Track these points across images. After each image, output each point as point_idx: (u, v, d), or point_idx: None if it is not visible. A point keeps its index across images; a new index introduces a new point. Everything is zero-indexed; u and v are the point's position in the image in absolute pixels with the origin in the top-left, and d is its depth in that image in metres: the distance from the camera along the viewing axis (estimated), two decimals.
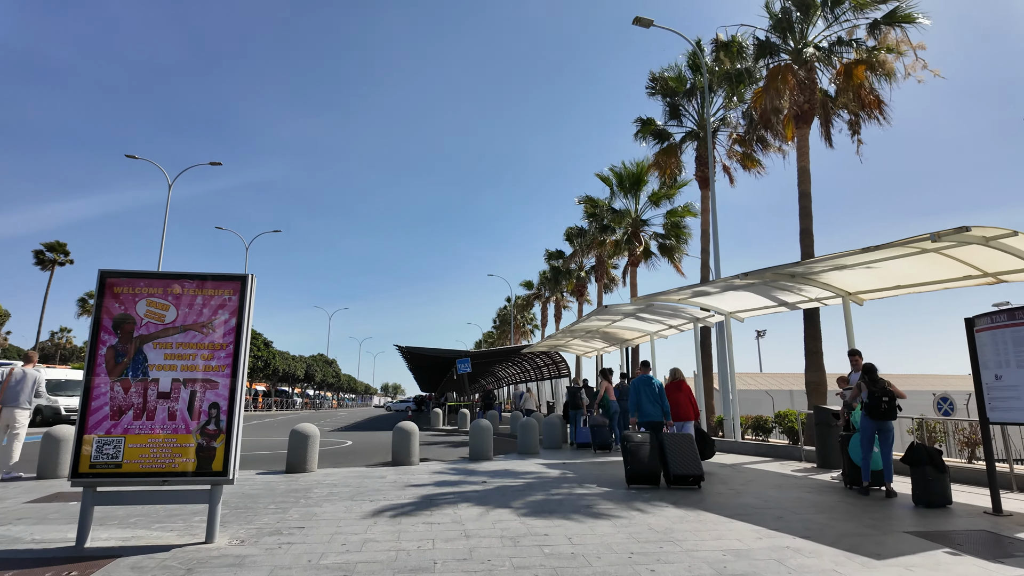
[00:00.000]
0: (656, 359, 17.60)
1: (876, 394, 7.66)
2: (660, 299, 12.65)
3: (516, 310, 55.02)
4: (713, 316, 14.10)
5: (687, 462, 7.89)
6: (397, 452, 10.42)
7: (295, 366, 51.49)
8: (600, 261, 28.41)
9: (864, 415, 7.80)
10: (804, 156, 13.21)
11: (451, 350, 26.70)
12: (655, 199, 22.97)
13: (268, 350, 34.86)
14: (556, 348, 24.45)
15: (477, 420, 11.61)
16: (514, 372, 45.01)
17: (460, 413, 23.37)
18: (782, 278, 10.18)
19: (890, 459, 7.66)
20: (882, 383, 7.81)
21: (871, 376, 7.90)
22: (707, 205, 17.84)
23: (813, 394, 12.38)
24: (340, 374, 72.35)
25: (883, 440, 7.73)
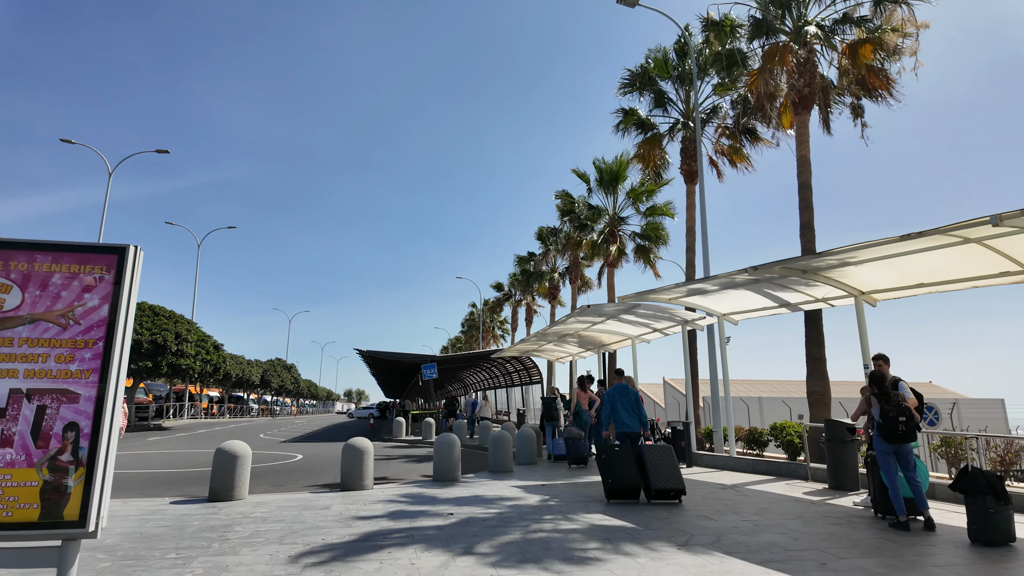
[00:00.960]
0: (637, 365, 16.36)
1: (890, 412, 6.45)
2: (650, 298, 11.38)
3: (485, 314, 53.48)
4: (704, 318, 12.90)
5: (668, 475, 7.51)
6: (347, 475, 8.82)
7: (250, 371, 48.80)
8: (574, 262, 27.17)
9: (878, 436, 6.60)
10: (804, 144, 12.17)
11: (416, 354, 25.05)
12: (635, 196, 21.79)
13: (218, 353, 32.46)
14: (528, 353, 23.05)
15: (443, 435, 10.09)
16: (483, 378, 43.47)
17: (424, 422, 21.74)
18: (793, 273, 8.99)
19: (919, 483, 6.47)
20: (896, 397, 6.62)
21: (880, 388, 6.70)
22: (692, 201, 16.75)
23: (816, 404, 11.27)
24: (300, 380, 69.42)
25: (904, 465, 6.54)
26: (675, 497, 7.51)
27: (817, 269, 8.88)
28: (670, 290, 10.89)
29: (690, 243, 16.30)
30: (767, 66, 12.41)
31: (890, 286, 9.23)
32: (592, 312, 13.07)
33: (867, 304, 9.68)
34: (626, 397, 8.48)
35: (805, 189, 11.92)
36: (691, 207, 16.65)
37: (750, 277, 9.49)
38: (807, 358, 11.51)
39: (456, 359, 28.14)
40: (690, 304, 11.86)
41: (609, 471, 7.60)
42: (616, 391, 8.59)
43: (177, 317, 30.86)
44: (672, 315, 13.08)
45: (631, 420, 8.39)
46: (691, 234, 16.37)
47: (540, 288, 36.86)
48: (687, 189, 16.98)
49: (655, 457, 7.65)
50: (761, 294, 10.57)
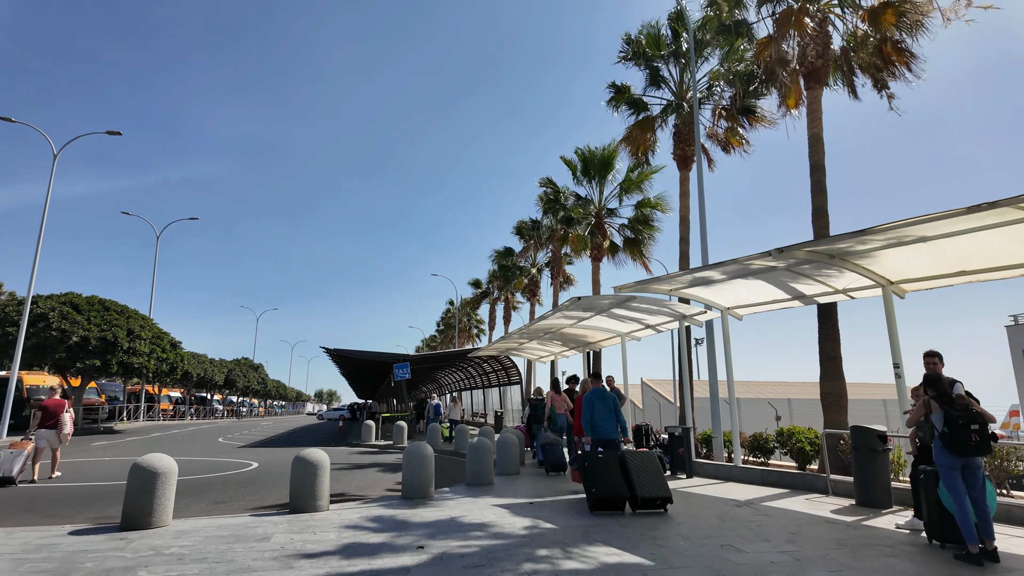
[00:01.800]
0: (627, 364, 15.18)
1: (960, 419, 5.31)
2: (650, 288, 10.17)
3: (462, 312, 51.97)
4: (706, 312, 11.74)
5: (654, 483, 7.26)
6: (297, 494, 7.37)
7: (213, 370, 46.41)
8: (556, 257, 25.91)
9: (941, 449, 5.45)
10: (816, 121, 11.09)
11: (388, 353, 23.53)
12: (624, 186, 20.58)
13: (175, 352, 30.35)
14: (507, 352, 21.74)
15: (414, 444, 8.70)
16: (459, 378, 42.04)
17: (396, 426, 20.25)
18: (819, 258, 7.83)
19: (987, 507, 5.35)
20: (963, 400, 5.50)
21: (940, 390, 5.57)
22: (686, 188, 15.62)
23: (832, 408, 10.18)
24: (267, 380, 66.84)
25: (971, 483, 5.41)
26: (661, 506, 7.24)
27: (847, 254, 7.75)
28: (672, 279, 9.68)
29: (684, 233, 15.16)
30: (781, 30, 11.28)
31: (925, 274, 8.15)
32: (582, 305, 11.81)
33: (896, 296, 8.59)
34: (604, 401, 8.12)
35: (818, 170, 10.84)
36: (685, 195, 15.52)
37: (767, 264, 8.32)
38: (821, 357, 10.43)
39: (430, 358, 26.67)
40: (692, 296, 10.68)
41: (593, 480, 7.25)
42: (594, 395, 8.18)
43: (130, 312, 28.76)
44: (669, 309, 11.89)
45: (609, 426, 8.02)
46: (685, 224, 15.23)
47: (519, 284, 35.51)
48: (680, 176, 15.86)
49: (639, 464, 7.37)
50: (775, 284, 9.43)
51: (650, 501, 7.16)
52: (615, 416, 8.13)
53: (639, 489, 7.14)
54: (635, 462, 7.41)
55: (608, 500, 7.20)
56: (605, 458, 7.47)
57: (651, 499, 7.14)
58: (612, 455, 7.56)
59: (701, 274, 9.06)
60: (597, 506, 7.23)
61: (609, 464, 7.43)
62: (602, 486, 7.21)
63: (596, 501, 7.18)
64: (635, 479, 7.23)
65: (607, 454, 7.57)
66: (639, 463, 7.41)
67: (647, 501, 7.14)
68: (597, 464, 7.41)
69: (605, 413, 8.11)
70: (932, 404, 5.57)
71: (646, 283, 9.82)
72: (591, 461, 7.41)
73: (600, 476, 7.28)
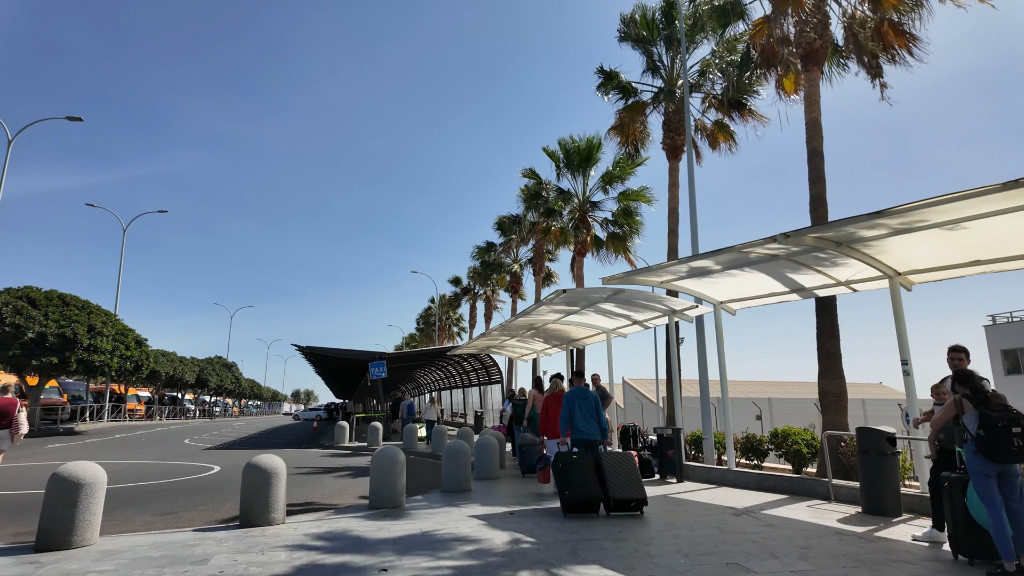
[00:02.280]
0: (612, 363, 14.53)
1: (1000, 420, 4.72)
2: (639, 280, 9.51)
3: (442, 310, 51.05)
4: (697, 307, 11.12)
5: (629, 484, 7.17)
6: (248, 506, 6.54)
7: (183, 369, 44.80)
8: (539, 252, 25.18)
9: (975, 454, 4.86)
10: (814, 105, 10.54)
11: (364, 351, 22.62)
12: (608, 179, 19.92)
13: (141, 349, 29.02)
14: (488, 350, 20.99)
15: (384, 449, 7.92)
16: (439, 377, 41.20)
17: (370, 427, 19.38)
18: (826, 245, 7.22)
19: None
20: (1000, 399, 4.93)
21: (972, 387, 5.01)
22: (676, 179, 15.03)
23: (831, 408, 9.61)
24: (241, 379, 65.10)
25: (1008, 492, 4.84)
26: (636, 508, 7.14)
27: (855, 241, 7.15)
28: (665, 270, 9.02)
29: (673, 226, 14.56)
30: (779, 9, 10.69)
31: (935, 264, 7.59)
32: (568, 298, 11.12)
33: (903, 288, 8.03)
34: (585, 401, 7.93)
35: (816, 157, 10.29)
36: (674, 186, 14.91)
37: (768, 251, 7.70)
38: (820, 354, 9.86)
39: (408, 356, 25.80)
40: (684, 288, 10.05)
41: (566, 482, 7.10)
42: (575, 394, 7.98)
43: (92, 308, 27.40)
44: (659, 304, 11.26)
45: (589, 426, 7.81)
46: (674, 216, 14.63)
47: (500, 281, 34.70)
48: (670, 166, 15.24)
49: (614, 465, 7.28)
50: (773, 276, 8.82)
51: (624, 503, 7.03)
52: (596, 416, 7.90)
53: (613, 490, 7.03)
54: (610, 463, 7.30)
55: (582, 503, 7.04)
56: (579, 459, 7.30)
57: (625, 500, 7.02)
58: (587, 456, 7.37)
59: (697, 263, 8.41)
60: (570, 509, 7.07)
61: (583, 465, 7.26)
62: (575, 488, 7.05)
63: (569, 504, 7.03)
64: (609, 480, 7.12)
65: (582, 455, 7.36)
66: (614, 464, 7.30)
67: (621, 503, 7.03)
68: (571, 466, 7.22)
69: (586, 413, 7.88)
70: (964, 404, 4.97)
71: (637, 274, 9.15)
72: (565, 463, 7.22)
73: (573, 478, 7.13)
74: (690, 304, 11.09)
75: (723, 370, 10.18)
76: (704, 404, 11.48)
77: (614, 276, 9.31)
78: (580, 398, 7.93)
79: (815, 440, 10.15)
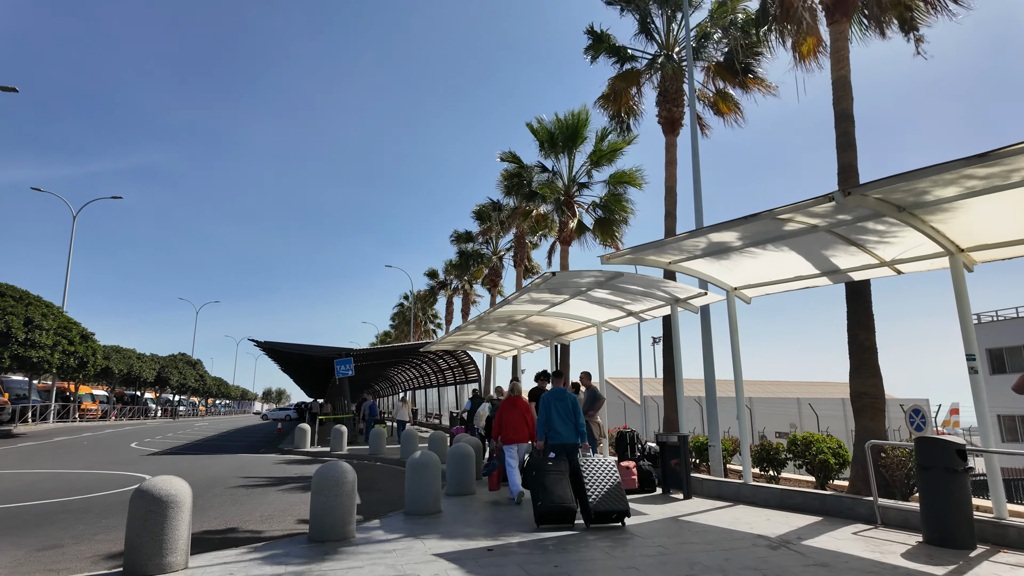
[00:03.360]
0: (603, 360, 13.04)
1: None
2: (647, 258, 8.01)
3: (418, 306, 49.18)
4: (707, 294, 9.65)
5: (610, 495, 6.74)
6: (135, 549, 4.84)
7: (141, 367, 42.18)
8: (520, 241, 23.60)
9: None
10: (842, 62, 9.16)
11: (328, 347, 20.82)
12: (595, 158, 18.37)
13: (87, 344, 26.70)
14: (464, 346, 19.37)
15: (329, 465, 6.29)
16: (413, 376, 39.43)
17: (334, 430, 17.62)
18: (884, 210, 5.78)
19: None
20: None
21: None
22: (673, 155, 13.59)
23: (867, 411, 8.24)
24: (206, 377, 62.27)
25: None
26: (617, 520, 6.70)
27: (920, 206, 5.73)
28: (674, 246, 7.51)
29: (670, 207, 13.12)
30: None
31: (1009, 238, 6.22)
32: (555, 283, 9.56)
33: (965, 266, 6.64)
34: (563, 403, 7.54)
35: (845, 120, 8.91)
36: (671, 163, 13.46)
37: (812, 219, 6.25)
38: (851, 348, 8.50)
39: (378, 353, 24.03)
40: (694, 271, 8.56)
41: (539, 491, 6.68)
42: (552, 396, 7.59)
43: (31, 299, 25.05)
44: (660, 291, 9.77)
45: (566, 430, 7.43)
46: (671, 197, 13.19)
47: (478, 274, 32.96)
48: (666, 142, 13.80)
49: (594, 473, 6.84)
50: (804, 253, 7.39)
51: (605, 515, 6.58)
52: (574, 419, 7.50)
53: (594, 501, 6.58)
54: (589, 470, 6.85)
55: (555, 513, 6.59)
56: (554, 466, 6.88)
57: (606, 512, 6.57)
58: (562, 463, 6.98)
59: (719, 236, 6.91)
60: (542, 520, 6.62)
61: (558, 473, 6.84)
62: (547, 496, 6.61)
63: (541, 515, 6.59)
64: (589, 490, 6.65)
65: (556, 462, 6.96)
66: (594, 472, 6.85)
67: (602, 515, 6.57)
68: (544, 473, 6.77)
69: (563, 416, 7.47)
70: None
71: (644, 251, 7.64)
72: (538, 470, 6.81)
73: (547, 487, 6.66)
74: (696, 291, 9.63)
75: (738, 368, 8.73)
76: (711, 407, 10.04)
77: (615, 254, 7.78)
78: (556, 400, 7.53)
79: (843, 449, 8.76)
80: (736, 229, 6.70)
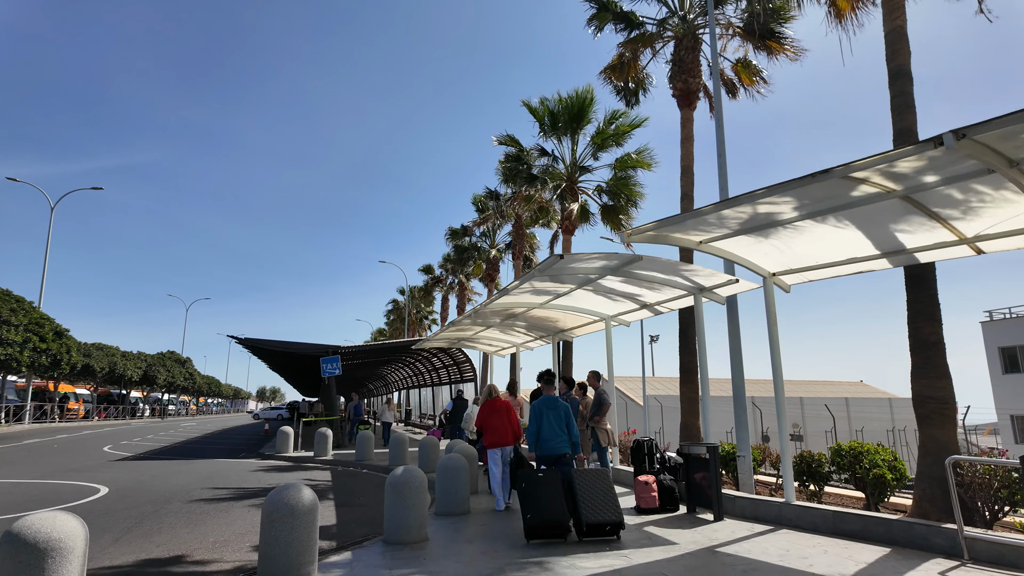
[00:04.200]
0: (613, 360, 11.77)
1: None
2: (673, 235, 6.72)
3: (414, 303, 47.84)
4: (738, 282, 8.38)
5: (604, 506, 6.34)
6: None
7: (125, 365, 40.70)
8: (519, 231, 22.28)
9: None
10: (897, 10, 7.89)
11: (314, 345, 19.50)
12: (598, 140, 16.99)
13: (61, 341, 25.32)
14: (459, 343, 18.07)
15: (280, 490, 4.99)
16: (407, 375, 38.13)
17: (318, 433, 16.32)
18: (996, 163, 4.50)
19: None
20: None
21: None
22: (690, 131, 12.31)
23: (934, 419, 6.97)
24: (196, 375, 60.75)
25: None
26: (611, 532, 6.42)
27: None
28: (710, 217, 6.21)
29: (687, 188, 11.84)
30: None
31: None
32: (560, 269, 8.27)
33: None
34: (555, 411, 7.17)
35: (902, 78, 7.67)
36: (687, 140, 12.18)
37: (886, 184, 4.98)
38: (914, 343, 7.25)
39: (367, 351, 22.71)
40: (727, 253, 7.29)
41: (530, 504, 6.29)
42: (543, 404, 7.22)
43: (2, 294, 23.66)
44: (683, 278, 8.49)
45: (558, 439, 7.07)
46: (688, 177, 11.92)
47: (476, 270, 31.64)
48: (682, 116, 12.51)
49: (587, 483, 6.53)
50: (866, 228, 6.12)
51: (598, 527, 6.30)
52: (567, 428, 7.15)
53: (585, 512, 6.29)
54: (583, 482, 6.54)
55: (546, 527, 6.24)
56: (545, 478, 6.51)
57: (599, 524, 6.28)
58: (554, 475, 6.60)
59: (766, 205, 5.62)
60: (533, 534, 6.26)
61: (550, 485, 6.47)
62: (539, 511, 6.24)
63: (531, 529, 6.23)
64: (581, 501, 6.37)
65: (548, 473, 6.59)
66: (587, 483, 6.54)
67: (594, 527, 6.30)
68: (535, 485, 6.41)
69: (555, 425, 7.10)
70: None
71: (669, 225, 6.34)
72: (529, 482, 6.46)
73: (539, 499, 6.30)
74: (726, 278, 8.34)
75: (777, 364, 7.45)
76: (739, 411, 8.78)
77: (637, 229, 6.47)
78: (549, 408, 7.15)
79: (899, 462, 7.50)
80: (791, 194, 5.42)
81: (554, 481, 6.48)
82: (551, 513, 6.25)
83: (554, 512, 6.25)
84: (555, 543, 6.20)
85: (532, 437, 7.13)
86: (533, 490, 6.35)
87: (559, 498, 6.38)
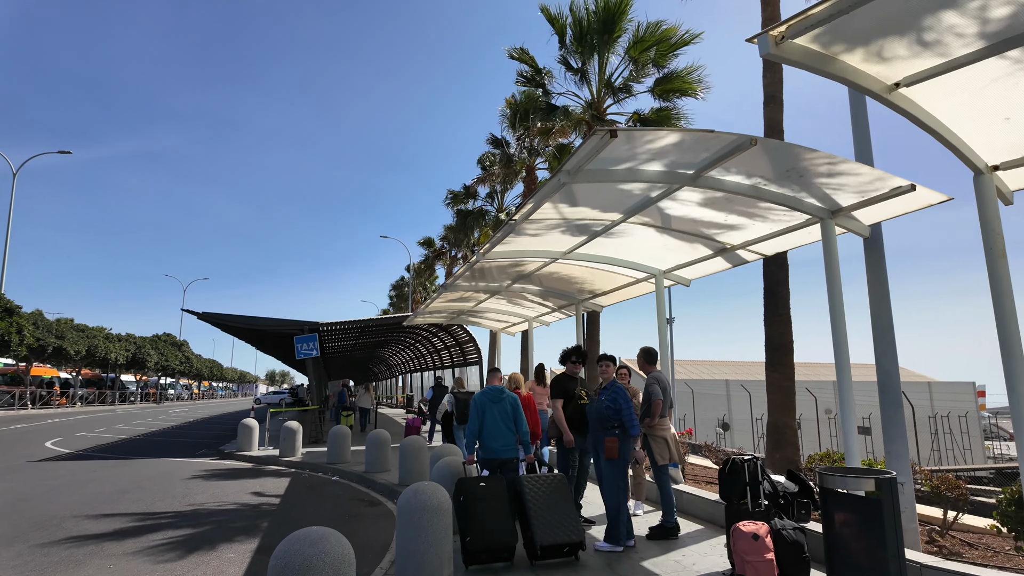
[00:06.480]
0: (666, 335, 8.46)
1: None
2: (856, 48, 3.35)
3: (417, 280, 44.68)
4: (914, 190, 4.95)
5: (561, 522, 5.15)
6: None
7: (108, 347, 37.89)
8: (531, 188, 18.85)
9: None
10: None
11: (285, 320, 16.27)
12: (638, 53, 13.18)
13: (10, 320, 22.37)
14: (458, 317, 14.82)
15: None
16: (408, 358, 35.06)
17: (284, 427, 13.24)
18: None
19: None
20: None
21: None
22: None
23: None
24: (193, 358, 58.12)
25: None
26: (570, 554, 5.19)
27: None
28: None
29: (773, 120, 8.34)
30: None
31: None
32: (615, 161, 4.92)
33: None
34: (498, 405, 5.86)
35: None
36: (774, 68, 8.59)
37: None
38: None
39: (351, 329, 19.48)
40: (941, 112, 3.91)
41: (467, 522, 5.03)
42: (485, 397, 5.90)
43: None
44: (808, 190, 5.11)
45: (502, 440, 5.79)
46: (775, 107, 8.40)
47: (483, 237, 28.21)
48: (764, 15, 8.98)
49: (540, 494, 5.26)
50: None
51: (554, 548, 5.03)
52: (514, 426, 5.87)
53: (539, 532, 5.02)
54: (533, 491, 5.27)
55: (488, 551, 4.98)
56: (488, 488, 5.24)
57: (556, 546, 5.02)
58: (498, 484, 5.33)
59: None
60: (473, 560, 5.00)
61: (493, 497, 5.19)
62: (480, 531, 4.98)
63: (471, 553, 4.95)
64: (533, 516, 5.11)
65: (491, 483, 5.31)
66: (540, 492, 5.28)
67: (550, 548, 5.01)
68: (473, 499, 5.14)
69: (501, 423, 5.81)
70: None
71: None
72: (466, 494, 5.18)
73: (477, 516, 5.05)
74: (897, 184, 4.91)
75: (1010, 336, 4.07)
76: (890, 406, 5.41)
77: (800, 16, 3.10)
78: (493, 402, 5.89)
79: None
80: None
81: (499, 492, 5.29)
82: (494, 534, 5.04)
83: (498, 533, 5.05)
84: (499, 569, 5.06)
85: (471, 438, 5.96)
86: (470, 505, 5.13)
87: (505, 515, 5.17)
